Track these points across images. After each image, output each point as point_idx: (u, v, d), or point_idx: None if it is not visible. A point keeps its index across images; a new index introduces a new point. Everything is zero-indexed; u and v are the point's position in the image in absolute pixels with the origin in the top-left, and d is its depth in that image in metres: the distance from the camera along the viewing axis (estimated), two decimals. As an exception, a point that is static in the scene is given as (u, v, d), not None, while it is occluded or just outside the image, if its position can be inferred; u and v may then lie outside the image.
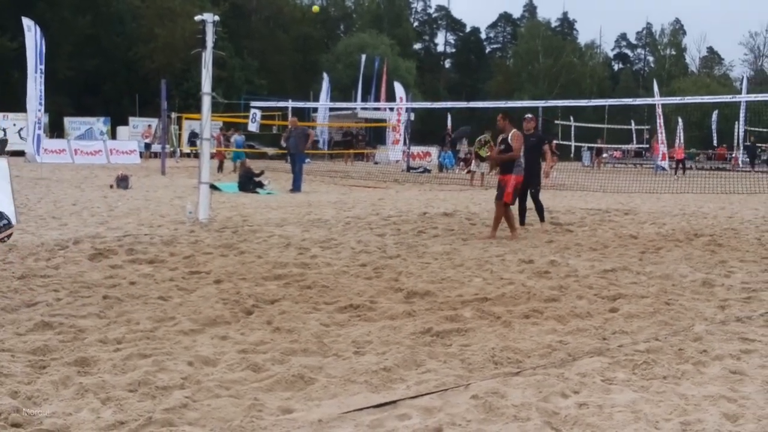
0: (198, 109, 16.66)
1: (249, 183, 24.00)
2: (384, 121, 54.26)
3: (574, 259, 11.25)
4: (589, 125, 64.68)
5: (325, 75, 57.68)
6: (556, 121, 58.68)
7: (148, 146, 48.97)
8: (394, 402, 4.96)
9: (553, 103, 39.65)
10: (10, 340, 6.22)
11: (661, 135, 45.96)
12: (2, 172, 14.23)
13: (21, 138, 41.87)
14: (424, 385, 5.31)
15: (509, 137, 13.52)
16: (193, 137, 42.35)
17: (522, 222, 15.17)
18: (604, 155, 58.93)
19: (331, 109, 55.32)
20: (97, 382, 5.17)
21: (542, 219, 15.30)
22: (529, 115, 15.79)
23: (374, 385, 5.30)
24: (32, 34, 29.45)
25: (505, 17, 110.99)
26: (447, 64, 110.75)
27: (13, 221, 13.55)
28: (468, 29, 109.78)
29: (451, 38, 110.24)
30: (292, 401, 4.97)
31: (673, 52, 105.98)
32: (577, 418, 4.73)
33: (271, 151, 44.37)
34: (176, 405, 4.75)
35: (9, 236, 8.08)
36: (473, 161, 31.70)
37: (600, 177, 32.63)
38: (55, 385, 5.14)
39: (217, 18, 15.05)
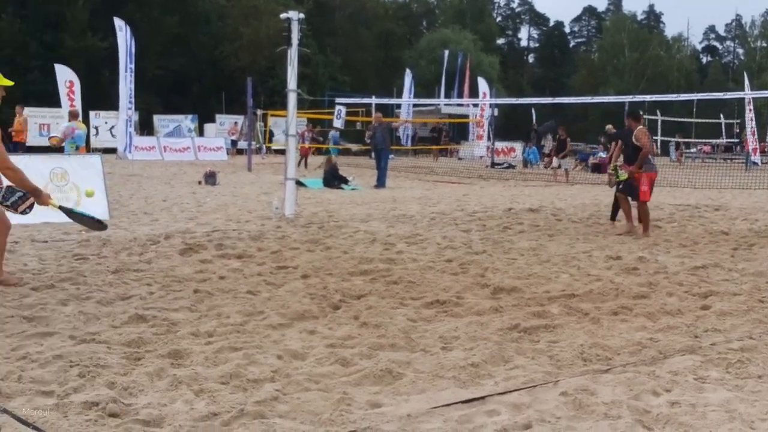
0: (283, 106, 16.85)
1: (334, 179, 24.16)
2: (467, 116, 54.06)
3: (663, 255, 11.06)
4: (677, 119, 63.42)
5: (407, 71, 57.71)
6: (643, 116, 57.64)
7: (234, 143, 49.67)
8: (482, 398, 4.95)
9: (640, 98, 38.97)
10: (106, 332, 6.39)
11: (753, 129, 44.81)
12: (96, 168, 14.64)
13: (112, 135, 42.89)
14: (512, 381, 5.29)
15: (635, 136, 13.19)
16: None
17: (612, 218, 14.98)
18: (692, 150, 57.67)
19: (414, 105, 55.32)
20: (190, 374, 5.28)
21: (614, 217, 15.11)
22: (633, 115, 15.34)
23: (462, 380, 5.29)
24: (123, 34, 30.18)
25: (589, 11, 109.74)
26: (530, 58, 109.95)
27: (107, 216, 13.93)
28: (552, 23, 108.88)
29: (534, 33, 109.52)
30: (380, 395, 4.99)
31: (764, 44, 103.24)
32: (669, 416, 4.65)
33: (355, 147, 44.63)
34: (267, 398, 4.81)
35: (30, 207, 8.42)
36: (554, 158, 31.42)
37: (688, 172, 31.98)
38: (149, 376, 5.26)
39: (302, 16, 15.19)
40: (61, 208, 6.14)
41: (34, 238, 11.83)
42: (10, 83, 6.58)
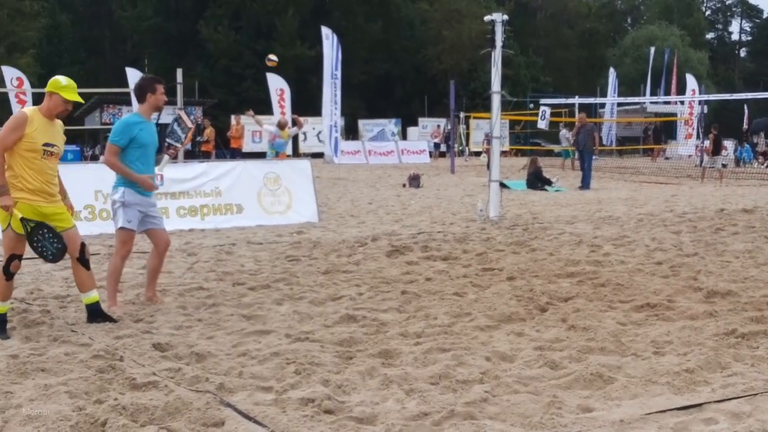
0: (485, 108, 16.85)
1: (538, 181, 23.95)
2: (674, 115, 52.24)
3: None
4: None
5: (611, 70, 56.42)
6: None
7: (437, 146, 50.13)
8: (699, 405, 4.77)
9: None
10: (318, 331, 6.62)
11: None
12: (306, 172, 15.15)
13: (319, 140, 44.19)
14: (731, 388, 5.06)
15: None
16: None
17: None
18: None
19: (618, 105, 54.00)
20: (401, 374, 5.38)
21: None
22: None
23: (677, 386, 5.13)
24: (329, 42, 31.02)
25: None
26: (742, 53, 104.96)
27: (316, 219, 14.40)
28: (765, 15, 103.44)
29: (746, 26, 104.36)
30: (591, 400, 4.91)
31: None
32: None
33: (557, 147, 44.05)
34: (477, 399, 4.84)
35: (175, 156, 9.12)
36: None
37: None
38: (361, 375, 5.40)
39: (506, 17, 15.15)
40: (23, 220, 6.43)
41: (250, 240, 12.39)
42: (80, 100, 6.77)
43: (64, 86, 6.65)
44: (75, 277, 6.98)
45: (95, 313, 6.90)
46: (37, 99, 32.57)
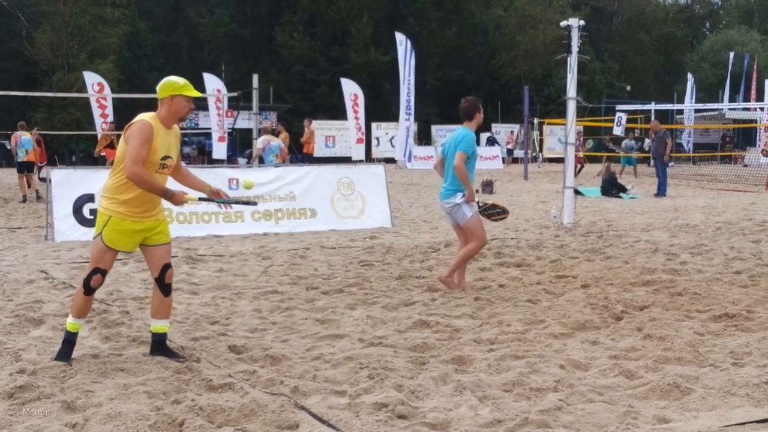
0: (559, 114, 16.75)
1: (612, 187, 23.66)
2: (754, 121, 51.14)
3: None
4: None
5: (689, 75, 55.45)
6: None
7: (510, 152, 49.83)
8: (780, 418, 4.68)
9: None
10: (392, 336, 6.64)
11: None
12: (379, 177, 15.20)
13: (392, 146, 44.29)
14: (813, 402, 4.96)
15: None
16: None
17: None
18: None
19: (695, 111, 53.06)
20: (474, 381, 5.38)
21: None
22: None
23: (756, 399, 5.02)
24: (403, 48, 31.03)
25: None
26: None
27: (389, 224, 14.45)
28: None
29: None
30: (668, 411, 4.84)
31: None
32: None
33: (622, 154, 43.43)
34: (550, 407, 4.81)
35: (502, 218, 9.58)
36: None
37: None
38: (435, 381, 5.41)
39: (582, 23, 15.01)
40: (201, 199, 6.18)
41: (323, 244, 12.48)
42: (199, 94, 6.36)
43: (182, 86, 5.99)
44: (152, 299, 6.21)
45: (160, 346, 6.10)
46: (117, 104, 33.34)
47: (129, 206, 5.86)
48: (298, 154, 33.44)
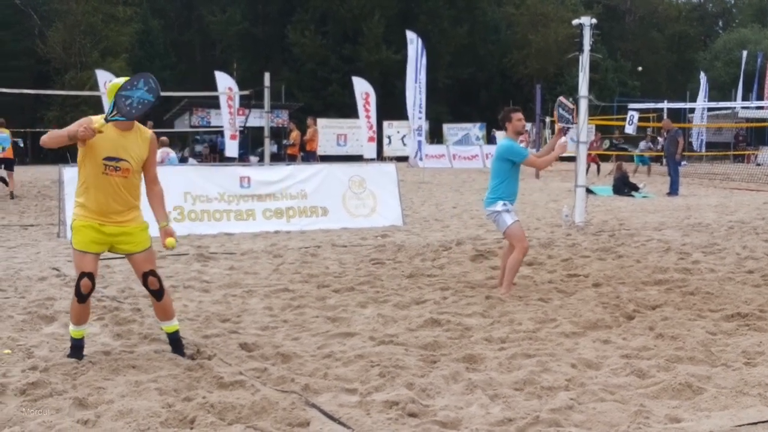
0: (573, 112, 16.61)
1: (624, 186, 23.59)
2: (767, 120, 50.93)
3: None
4: None
5: (702, 74, 55.25)
6: None
7: (521, 150, 49.69)
8: (793, 418, 4.66)
9: None
10: (403, 334, 6.64)
11: None
12: (390, 176, 15.20)
13: (403, 144, 44.28)
14: (827, 402, 4.93)
15: None
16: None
17: None
18: None
19: (708, 110, 52.86)
20: (485, 379, 5.37)
21: None
22: None
23: (769, 398, 5.01)
24: (414, 46, 31.02)
25: None
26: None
27: (401, 222, 14.45)
28: None
29: None
30: (679, 410, 4.83)
31: None
32: None
33: (635, 153, 43.34)
34: (562, 406, 4.80)
35: None
36: None
37: None
38: (445, 379, 5.40)
39: (594, 21, 14.96)
40: (107, 120, 5.74)
41: (335, 242, 12.48)
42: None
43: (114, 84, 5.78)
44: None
45: (176, 344, 6.13)
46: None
47: (85, 208, 5.81)
48: (302, 152, 33.48)
